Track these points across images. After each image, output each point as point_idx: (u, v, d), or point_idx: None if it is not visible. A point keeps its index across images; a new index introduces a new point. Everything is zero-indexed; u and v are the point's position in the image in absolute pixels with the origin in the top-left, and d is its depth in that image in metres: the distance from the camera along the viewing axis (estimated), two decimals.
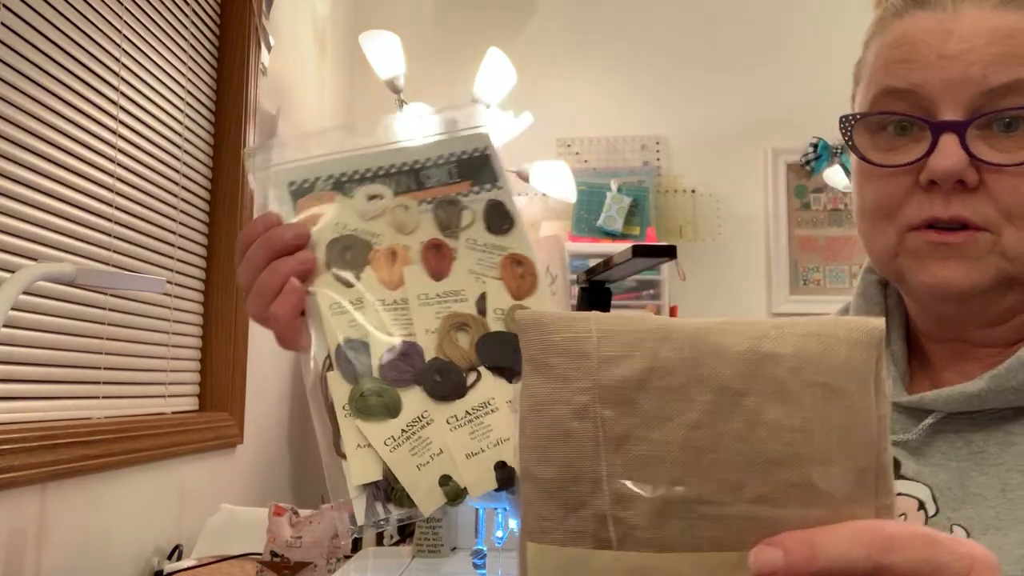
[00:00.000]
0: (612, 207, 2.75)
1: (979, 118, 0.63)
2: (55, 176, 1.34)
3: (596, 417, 0.37)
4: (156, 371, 1.66)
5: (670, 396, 0.36)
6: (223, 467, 1.91)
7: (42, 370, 1.31)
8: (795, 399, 0.36)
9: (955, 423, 0.67)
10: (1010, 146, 0.63)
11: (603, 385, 0.37)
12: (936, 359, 0.73)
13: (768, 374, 0.36)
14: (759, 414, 0.36)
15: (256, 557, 1.38)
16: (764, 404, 0.36)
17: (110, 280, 1.13)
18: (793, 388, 0.36)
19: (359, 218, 0.62)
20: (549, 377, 0.38)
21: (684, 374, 0.36)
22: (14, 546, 1.19)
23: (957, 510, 0.65)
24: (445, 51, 2.97)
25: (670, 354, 0.37)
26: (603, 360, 0.37)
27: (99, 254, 1.46)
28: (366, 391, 0.56)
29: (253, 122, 2.00)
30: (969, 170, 0.63)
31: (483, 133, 0.67)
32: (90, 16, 1.43)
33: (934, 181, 0.64)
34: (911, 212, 0.66)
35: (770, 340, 0.36)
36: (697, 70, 2.97)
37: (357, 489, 0.55)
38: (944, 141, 0.64)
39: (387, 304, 0.60)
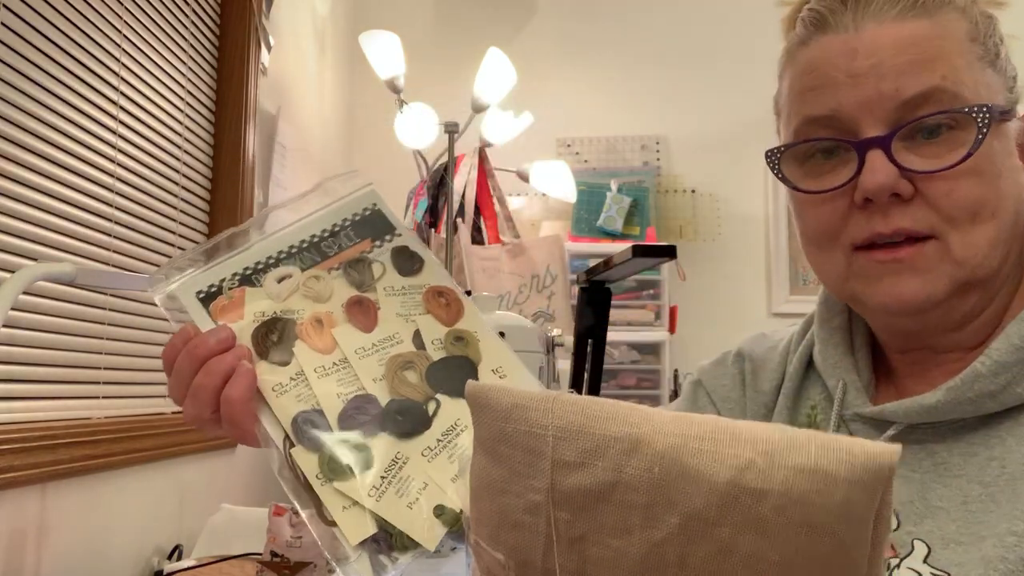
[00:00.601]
0: (612, 207, 2.75)
1: (901, 129, 0.63)
2: (55, 176, 1.34)
3: (549, 517, 0.34)
4: (156, 371, 1.66)
5: (633, 512, 0.33)
6: (223, 467, 1.91)
7: (42, 370, 1.31)
8: (776, 536, 0.31)
9: (917, 433, 0.67)
10: (936, 151, 0.63)
11: (558, 490, 0.34)
12: (900, 368, 0.73)
13: (747, 510, 0.31)
14: (734, 545, 0.32)
15: (256, 557, 1.38)
16: (739, 536, 0.32)
17: (110, 280, 1.13)
18: (774, 527, 0.31)
19: (274, 301, 0.62)
20: (500, 466, 0.36)
21: (651, 494, 0.33)
22: (14, 546, 1.19)
23: (918, 524, 0.64)
24: (445, 51, 2.97)
25: (636, 472, 0.33)
26: (559, 464, 0.34)
27: (99, 254, 1.46)
28: (333, 454, 0.56)
29: (253, 122, 2.00)
30: (901, 182, 0.63)
31: (369, 191, 0.69)
32: (90, 16, 1.43)
33: (869, 199, 0.64)
34: (853, 232, 0.66)
35: (755, 472, 0.31)
36: (697, 70, 2.97)
37: (356, 549, 0.54)
38: (871, 157, 0.64)
39: (328, 369, 0.60)
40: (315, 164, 2.60)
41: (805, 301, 2.79)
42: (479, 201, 2.44)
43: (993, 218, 0.64)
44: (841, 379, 0.73)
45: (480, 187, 2.45)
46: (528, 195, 2.87)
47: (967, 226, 0.63)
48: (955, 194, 0.63)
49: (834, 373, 0.73)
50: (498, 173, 2.51)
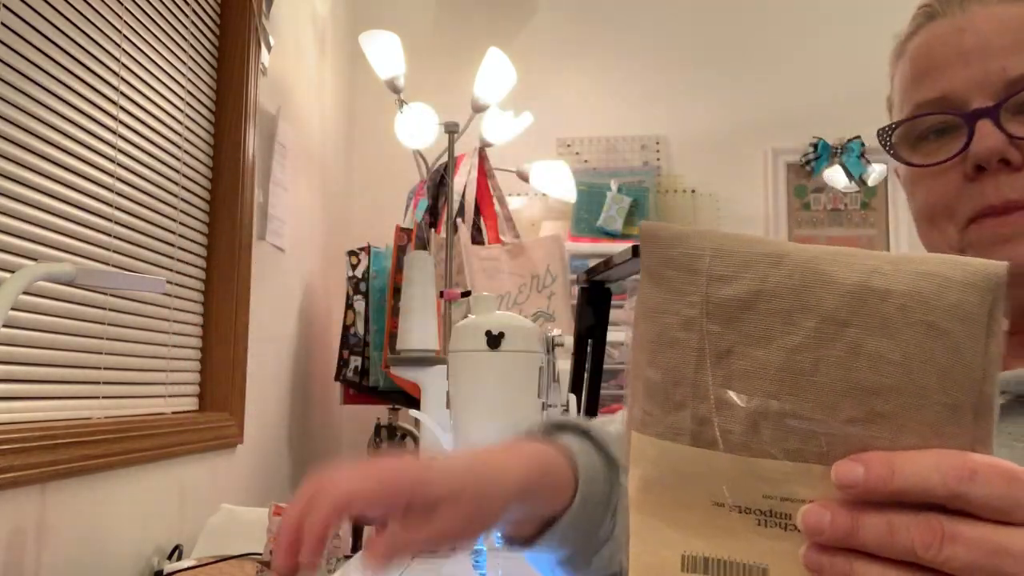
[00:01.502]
0: (612, 207, 2.75)
1: (1008, 100, 0.65)
2: (55, 176, 1.34)
3: (702, 330, 0.39)
4: (156, 371, 1.66)
5: (774, 319, 0.37)
6: (223, 467, 1.91)
7: (42, 370, 1.31)
8: (899, 334, 0.36)
9: (1023, 406, 0.67)
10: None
11: (711, 301, 0.38)
12: (1008, 347, 0.74)
13: (874, 309, 0.36)
14: (860, 345, 0.36)
15: (256, 557, 1.38)
16: (866, 336, 0.36)
17: (110, 280, 1.13)
18: (898, 324, 0.36)
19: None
20: (662, 288, 0.40)
21: (790, 300, 0.37)
22: (14, 546, 1.19)
23: None
24: (445, 51, 2.97)
25: (779, 279, 0.38)
26: (713, 278, 0.39)
27: (99, 254, 1.46)
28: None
29: (253, 122, 2.00)
30: (1010, 149, 0.65)
31: None
32: (90, 16, 1.43)
33: (980, 166, 0.66)
34: (964, 206, 0.68)
35: (881, 275, 0.36)
36: (697, 70, 2.97)
37: None
38: (980, 126, 0.66)
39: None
40: (315, 164, 2.60)
41: None
42: (479, 201, 2.44)
43: None
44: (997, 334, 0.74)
45: (480, 187, 2.45)
46: (528, 195, 2.87)
47: None
48: None
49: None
50: (498, 173, 2.51)
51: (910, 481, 0.35)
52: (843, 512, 0.36)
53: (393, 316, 2.17)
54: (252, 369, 2.00)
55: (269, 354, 2.18)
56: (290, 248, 2.32)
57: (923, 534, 0.35)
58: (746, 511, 0.38)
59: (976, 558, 0.35)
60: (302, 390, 2.44)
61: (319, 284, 2.60)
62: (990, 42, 0.66)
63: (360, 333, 2.34)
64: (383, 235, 2.46)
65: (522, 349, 0.80)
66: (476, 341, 0.80)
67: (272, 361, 2.22)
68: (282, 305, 2.30)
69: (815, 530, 0.36)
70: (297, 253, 2.40)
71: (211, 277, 1.90)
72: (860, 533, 0.36)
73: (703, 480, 0.39)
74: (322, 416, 2.62)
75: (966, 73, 0.67)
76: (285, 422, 2.32)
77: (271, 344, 2.20)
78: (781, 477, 0.38)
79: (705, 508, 0.39)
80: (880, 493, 0.36)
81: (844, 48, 2.76)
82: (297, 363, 2.41)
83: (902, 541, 0.35)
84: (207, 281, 1.90)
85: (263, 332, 2.10)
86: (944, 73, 0.68)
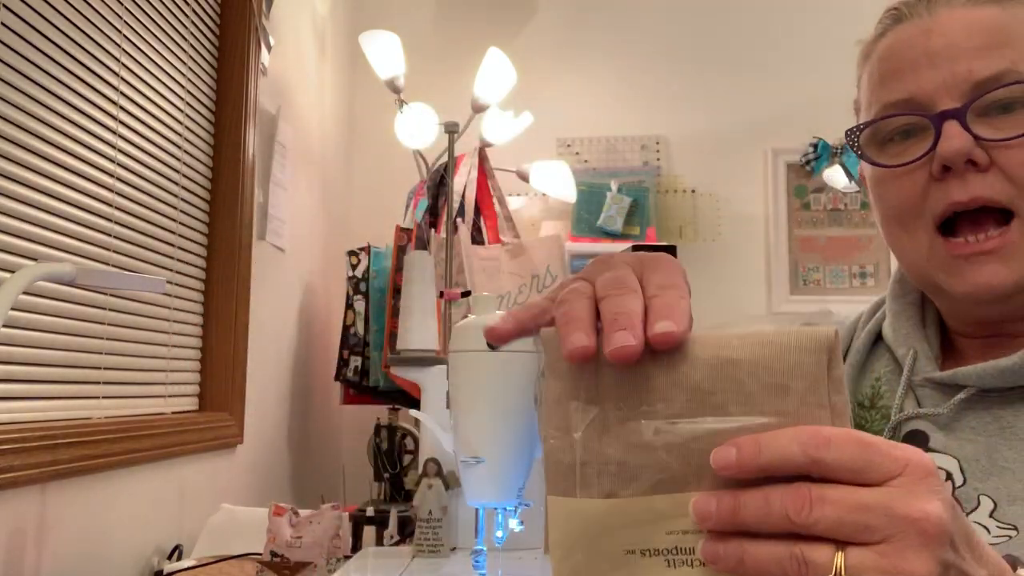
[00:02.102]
0: (612, 207, 2.75)
1: (974, 101, 0.66)
2: (55, 176, 1.34)
3: (593, 408, 0.44)
4: (156, 371, 1.66)
5: (654, 395, 0.43)
6: (223, 467, 1.91)
7: (42, 370, 1.31)
8: (754, 399, 0.42)
9: (986, 400, 0.69)
10: (1010, 123, 0.66)
11: (601, 386, 0.44)
12: (967, 351, 0.75)
13: (729, 376, 0.42)
14: (725, 410, 0.42)
15: (256, 557, 1.38)
16: (728, 402, 0.42)
17: (110, 280, 1.13)
18: (750, 388, 0.42)
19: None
20: (561, 380, 0.45)
21: (664, 378, 0.43)
22: (14, 546, 1.19)
23: (984, 481, 0.66)
24: (445, 51, 2.97)
25: (653, 366, 0.44)
26: (604, 366, 0.44)
27: (99, 254, 1.45)
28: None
29: (253, 122, 2.00)
30: (976, 150, 0.65)
31: None
32: (90, 16, 1.43)
33: (947, 167, 0.66)
34: (931, 204, 0.68)
35: (730, 348, 0.42)
36: (697, 70, 2.97)
37: None
38: (947, 127, 0.66)
39: None
40: (315, 164, 2.60)
41: (805, 301, 2.79)
42: (479, 201, 2.44)
43: None
44: (912, 347, 0.75)
45: (480, 187, 2.45)
46: (528, 195, 2.87)
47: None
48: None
49: (905, 342, 0.75)
50: (498, 173, 2.51)
51: (775, 453, 0.39)
52: (726, 495, 0.40)
53: (393, 316, 2.17)
54: (252, 369, 2.00)
55: (269, 354, 2.18)
56: (290, 248, 2.32)
57: (794, 500, 0.39)
58: (654, 553, 0.42)
59: (842, 515, 0.38)
60: (302, 390, 2.44)
61: (319, 284, 2.60)
62: (957, 44, 0.67)
63: (360, 333, 2.34)
64: (383, 235, 2.46)
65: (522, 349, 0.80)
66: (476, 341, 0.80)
67: (272, 361, 2.22)
68: (282, 305, 2.30)
69: (704, 516, 0.40)
70: (297, 253, 2.40)
71: (211, 277, 1.90)
72: (742, 511, 0.39)
73: (612, 531, 0.43)
74: (322, 416, 2.62)
75: (933, 75, 0.68)
76: (285, 422, 2.32)
77: (271, 344, 2.20)
78: (675, 511, 0.41)
79: (620, 560, 0.43)
80: (751, 468, 0.40)
81: (844, 48, 2.75)
82: (297, 363, 2.41)
83: (777, 510, 0.39)
84: (207, 281, 1.90)
85: (263, 332, 2.10)
86: (911, 75, 0.69)
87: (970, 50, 0.67)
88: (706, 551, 0.41)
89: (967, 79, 0.66)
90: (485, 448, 0.75)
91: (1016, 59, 0.66)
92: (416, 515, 1.16)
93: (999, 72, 0.66)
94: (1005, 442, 0.66)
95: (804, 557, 0.38)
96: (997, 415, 0.68)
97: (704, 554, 0.41)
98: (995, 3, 0.68)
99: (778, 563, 0.39)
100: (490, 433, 0.75)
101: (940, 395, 0.72)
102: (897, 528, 0.38)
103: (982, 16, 0.68)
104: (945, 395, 0.71)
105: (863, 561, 0.38)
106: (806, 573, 0.38)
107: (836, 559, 0.38)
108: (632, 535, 0.42)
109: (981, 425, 0.68)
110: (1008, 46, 0.66)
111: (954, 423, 0.70)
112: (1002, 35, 0.66)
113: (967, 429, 0.69)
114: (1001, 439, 0.67)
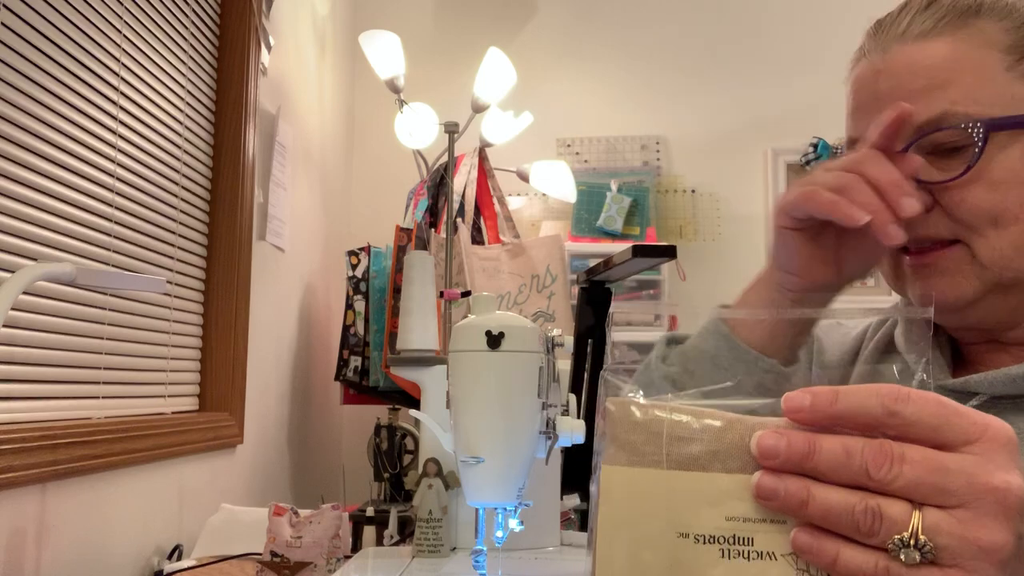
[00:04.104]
0: (612, 207, 2.75)
1: (912, 143, 0.68)
2: (55, 176, 1.34)
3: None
4: (156, 371, 1.66)
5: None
6: (223, 467, 1.91)
7: (42, 370, 1.31)
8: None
9: (998, 407, 0.69)
10: (950, 165, 0.68)
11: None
12: (973, 357, 0.77)
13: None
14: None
15: (256, 557, 1.38)
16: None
17: (110, 280, 1.13)
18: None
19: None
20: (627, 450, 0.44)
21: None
22: (14, 546, 1.19)
23: None
24: (445, 51, 2.97)
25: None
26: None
27: (99, 254, 1.45)
28: None
29: (253, 122, 2.00)
30: (917, 193, 0.67)
31: None
32: (90, 16, 1.43)
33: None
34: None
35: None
36: (697, 70, 2.97)
37: None
38: None
39: None
40: (315, 164, 2.60)
41: None
42: (479, 201, 2.44)
43: (1017, 223, 0.67)
44: (925, 355, 0.76)
45: (480, 187, 2.45)
46: (528, 195, 2.87)
47: (989, 231, 0.67)
48: (967, 203, 0.67)
49: (916, 349, 0.77)
50: (498, 173, 2.51)
51: (852, 403, 0.39)
52: (800, 436, 0.39)
53: (393, 316, 2.17)
54: (252, 369, 2.00)
55: (269, 354, 2.18)
56: (290, 248, 2.32)
57: (875, 455, 0.38)
58: (709, 540, 0.40)
59: (921, 475, 0.38)
60: (302, 390, 2.44)
61: (319, 284, 2.60)
62: (902, 86, 0.69)
63: (360, 333, 2.34)
64: (383, 235, 2.46)
65: (522, 349, 0.80)
66: (476, 341, 0.80)
67: (272, 361, 2.22)
68: (282, 305, 2.30)
69: (771, 453, 0.39)
70: (297, 253, 2.40)
71: (211, 277, 1.90)
72: (816, 456, 0.39)
73: (669, 508, 0.41)
74: (322, 416, 2.62)
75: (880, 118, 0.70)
76: (285, 422, 2.32)
77: (271, 344, 2.20)
78: (738, 491, 0.40)
79: (671, 544, 0.40)
80: (825, 414, 0.39)
81: (844, 48, 2.75)
82: (297, 363, 2.41)
83: (856, 462, 0.38)
84: (207, 281, 1.90)
85: (263, 332, 2.10)
86: (864, 115, 0.72)
87: (913, 91, 0.68)
88: (764, 484, 0.39)
89: (909, 122, 0.68)
90: (485, 448, 0.75)
91: (957, 99, 0.67)
92: (416, 515, 1.16)
93: (937, 115, 0.67)
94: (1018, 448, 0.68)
95: (881, 511, 0.38)
96: (1010, 421, 0.69)
97: (759, 488, 0.39)
98: (950, 32, 0.69)
99: (850, 512, 0.38)
100: (490, 433, 0.75)
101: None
102: (977, 495, 0.37)
103: (930, 53, 0.69)
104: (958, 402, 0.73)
105: (940, 524, 0.37)
106: (879, 528, 0.38)
107: (913, 518, 0.38)
108: (689, 515, 0.40)
109: None
110: (951, 85, 0.67)
111: None
112: (944, 74, 0.68)
113: None
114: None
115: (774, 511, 0.39)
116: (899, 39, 0.71)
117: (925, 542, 0.37)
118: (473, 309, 0.93)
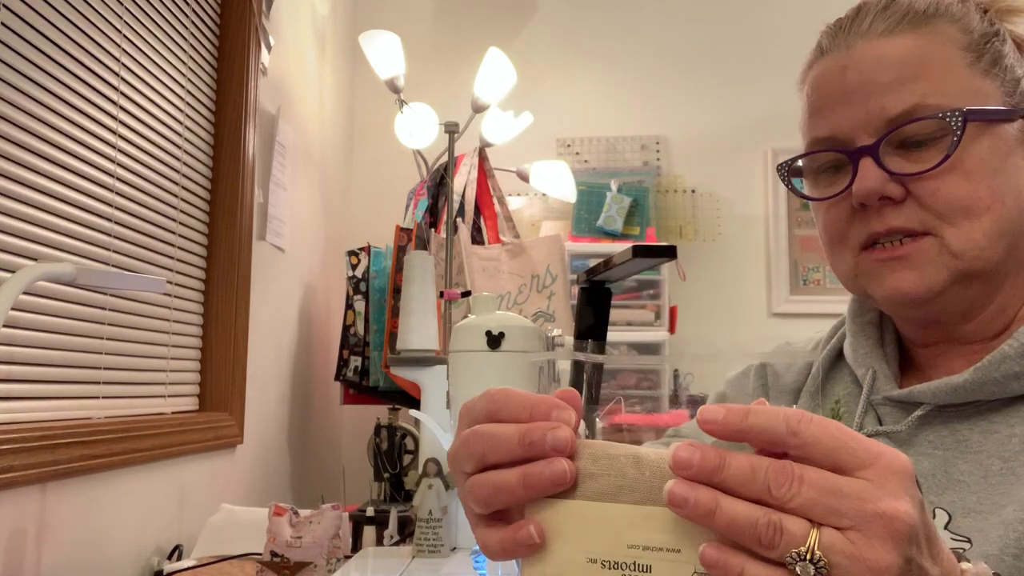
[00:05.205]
0: (612, 207, 2.75)
1: (886, 136, 0.69)
2: (55, 176, 1.34)
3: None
4: (156, 371, 1.66)
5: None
6: (223, 467, 1.91)
7: (42, 370, 1.31)
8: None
9: (943, 415, 0.71)
10: (923, 156, 0.68)
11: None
12: (925, 361, 0.78)
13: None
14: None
15: (256, 557, 1.38)
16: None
17: (110, 280, 1.13)
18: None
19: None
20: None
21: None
22: (14, 546, 1.19)
23: (940, 495, 0.68)
24: (445, 51, 2.97)
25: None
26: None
27: (99, 254, 1.46)
28: None
29: (253, 122, 2.00)
30: (891, 185, 0.69)
31: None
32: (90, 16, 1.43)
33: (864, 203, 0.71)
34: (855, 233, 0.73)
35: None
36: (697, 70, 2.97)
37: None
38: (862, 164, 0.70)
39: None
40: (315, 164, 2.60)
41: (805, 301, 2.79)
42: (479, 201, 2.44)
43: (988, 212, 0.68)
44: (871, 367, 0.78)
45: (480, 187, 2.45)
46: (528, 195, 2.87)
47: (961, 221, 0.68)
48: (941, 192, 0.68)
49: (864, 362, 0.78)
50: (498, 173, 2.51)
51: (760, 420, 0.42)
52: (712, 450, 0.42)
53: (393, 316, 2.17)
54: (252, 369, 2.00)
55: (269, 354, 2.18)
56: (290, 248, 2.32)
57: (778, 474, 0.41)
58: (614, 566, 0.43)
59: (816, 496, 0.40)
60: (302, 390, 2.44)
61: (319, 284, 2.60)
62: (871, 80, 0.70)
63: (360, 333, 2.34)
64: (383, 235, 2.46)
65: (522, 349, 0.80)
66: (476, 341, 0.80)
67: (272, 361, 2.22)
68: (282, 305, 2.30)
69: (684, 464, 0.42)
70: (297, 253, 2.40)
71: (211, 277, 1.90)
72: (724, 471, 0.41)
73: (578, 534, 0.44)
74: (322, 416, 2.62)
75: (849, 112, 0.71)
76: (285, 422, 2.32)
77: (271, 344, 2.20)
78: (640, 520, 0.43)
79: (582, 568, 0.44)
80: (734, 428, 0.42)
81: None
82: (297, 363, 2.41)
83: (760, 478, 0.41)
84: (207, 281, 1.90)
85: (263, 332, 2.10)
86: (832, 112, 0.73)
87: (883, 85, 0.69)
88: (676, 492, 0.41)
89: (880, 116, 0.69)
90: None
91: (927, 91, 0.68)
92: (416, 515, 1.16)
93: (910, 107, 0.68)
94: (961, 456, 0.68)
95: (782, 525, 0.40)
96: (954, 429, 0.70)
97: (671, 496, 0.42)
98: (912, 30, 0.70)
99: (753, 524, 0.40)
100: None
101: (899, 412, 0.74)
102: (867, 519, 0.40)
103: (896, 48, 0.70)
104: (904, 412, 0.74)
105: (834, 543, 0.40)
106: (779, 541, 0.40)
107: (812, 534, 0.40)
108: (597, 542, 0.44)
109: (938, 440, 0.70)
110: (920, 78, 0.68)
111: (913, 439, 0.72)
112: (913, 67, 0.69)
113: (925, 444, 0.71)
114: (957, 453, 0.69)
115: (685, 518, 0.42)
116: (863, 36, 0.71)
117: (820, 558, 0.39)
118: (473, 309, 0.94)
